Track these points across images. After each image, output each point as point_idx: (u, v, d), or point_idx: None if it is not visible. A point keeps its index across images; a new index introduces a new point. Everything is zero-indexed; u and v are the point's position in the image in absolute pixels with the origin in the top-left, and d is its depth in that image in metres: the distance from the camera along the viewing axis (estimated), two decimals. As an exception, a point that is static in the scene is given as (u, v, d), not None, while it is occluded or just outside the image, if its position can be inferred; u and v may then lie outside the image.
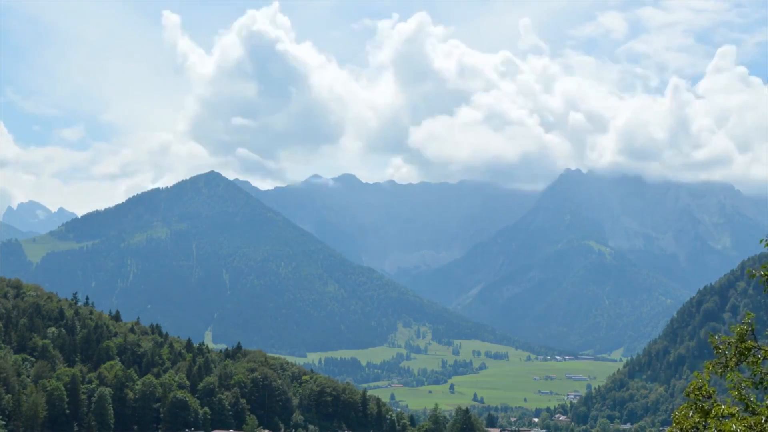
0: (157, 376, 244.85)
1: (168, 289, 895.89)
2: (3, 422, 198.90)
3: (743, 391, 30.84)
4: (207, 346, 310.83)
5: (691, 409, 31.42)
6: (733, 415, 30.26)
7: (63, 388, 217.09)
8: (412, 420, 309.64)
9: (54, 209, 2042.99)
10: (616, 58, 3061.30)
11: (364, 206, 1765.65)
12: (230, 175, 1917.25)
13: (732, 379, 30.97)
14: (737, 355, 31.03)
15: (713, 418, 30.48)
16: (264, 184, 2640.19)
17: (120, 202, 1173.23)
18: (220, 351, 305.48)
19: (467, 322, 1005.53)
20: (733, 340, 31.41)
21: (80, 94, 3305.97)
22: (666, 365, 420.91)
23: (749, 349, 30.88)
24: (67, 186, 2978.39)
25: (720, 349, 31.58)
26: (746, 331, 31.20)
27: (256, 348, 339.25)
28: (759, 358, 30.69)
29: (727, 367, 31.18)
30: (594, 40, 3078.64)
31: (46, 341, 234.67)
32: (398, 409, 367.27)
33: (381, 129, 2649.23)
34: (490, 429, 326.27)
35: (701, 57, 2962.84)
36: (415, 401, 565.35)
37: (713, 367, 31.61)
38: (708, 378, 31.83)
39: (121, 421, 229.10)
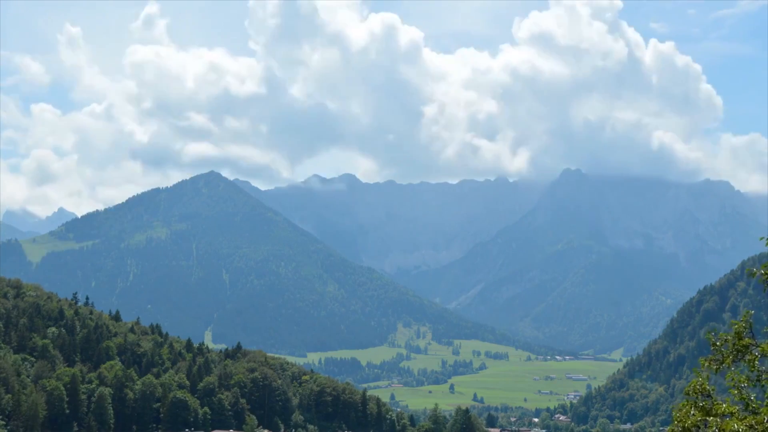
0: (157, 376, 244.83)
1: (168, 289, 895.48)
2: (3, 422, 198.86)
3: (743, 391, 30.85)
4: (207, 346, 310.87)
5: (692, 407, 31.43)
6: (733, 414, 30.27)
7: (63, 388, 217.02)
8: (412, 420, 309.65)
9: (54, 209, 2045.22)
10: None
11: (364, 206, 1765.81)
12: (230, 175, 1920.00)
13: (732, 378, 30.97)
14: (734, 353, 31.05)
15: (714, 416, 30.48)
16: (264, 184, 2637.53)
17: (120, 202, 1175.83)
18: (220, 351, 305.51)
19: (467, 322, 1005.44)
20: (730, 337, 31.43)
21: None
22: (666, 365, 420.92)
23: (747, 347, 30.89)
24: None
25: (717, 345, 31.60)
26: (744, 328, 31.22)
27: (256, 348, 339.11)
28: (756, 356, 30.69)
29: (723, 363, 31.20)
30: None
31: (46, 341, 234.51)
32: (398, 409, 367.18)
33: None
34: (490, 429, 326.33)
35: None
36: (415, 401, 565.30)
37: (709, 363, 31.62)
38: (708, 377, 31.84)
39: (121, 421, 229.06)
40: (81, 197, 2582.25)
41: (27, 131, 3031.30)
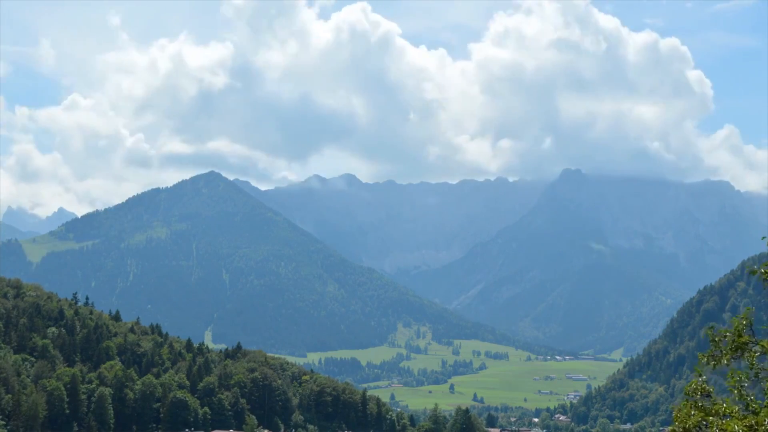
0: (157, 376, 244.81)
1: (168, 289, 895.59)
2: (3, 422, 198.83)
3: (743, 390, 30.80)
4: (207, 346, 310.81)
5: (692, 407, 31.38)
6: (733, 414, 30.23)
7: (63, 388, 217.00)
8: (412, 420, 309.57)
9: (54, 209, 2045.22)
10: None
11: (364, 206, 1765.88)
12: (230, 175, 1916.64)
13: (733, 376, 30.92)
14: (732, 349, 31.00)
15: (714, 416, 30.43)
16: (264, 184, 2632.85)
17: (120, 202, 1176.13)
18: (220, 351, 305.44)
19: (467, 322, 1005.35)
20: (729, 333, 31.37)
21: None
22: (666, 365, 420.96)
23: (746, 344, 30.85)
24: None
25: (716, 341, 31.55)
26: (744, 325, 31.17)
27: (256, 348, 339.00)
28: (755, 353, 30.64)
29: (722, 359, 31.14)
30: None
31: (46, 341, 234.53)
32: (398, 409, 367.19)
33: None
34: (490, 429, 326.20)
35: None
36: (415, 401, 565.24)
37: (707, 358, 31.57)
38: (707, 377, 31.79)
39: (121, 421, 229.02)
40: (66, 197, 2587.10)
41: (12, 130, 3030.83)
